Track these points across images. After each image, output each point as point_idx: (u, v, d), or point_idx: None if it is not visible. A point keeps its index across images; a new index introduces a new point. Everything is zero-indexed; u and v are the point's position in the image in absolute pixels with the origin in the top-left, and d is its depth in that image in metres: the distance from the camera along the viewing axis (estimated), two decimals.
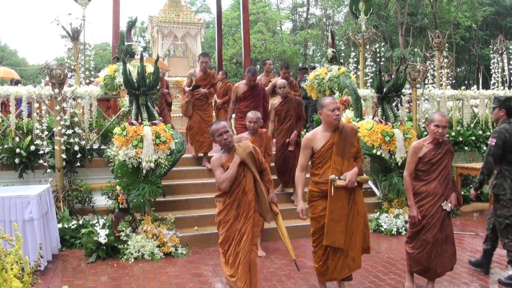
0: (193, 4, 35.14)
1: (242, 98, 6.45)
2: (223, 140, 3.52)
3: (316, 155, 3.66)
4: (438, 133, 3.78)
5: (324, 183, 3.58)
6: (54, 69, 5.98)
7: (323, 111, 3.63)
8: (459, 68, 29.59)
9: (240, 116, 6.47)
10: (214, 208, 6.20)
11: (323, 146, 3.62)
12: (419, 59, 11.73)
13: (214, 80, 7.18)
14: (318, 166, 3.66)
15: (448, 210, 3.83)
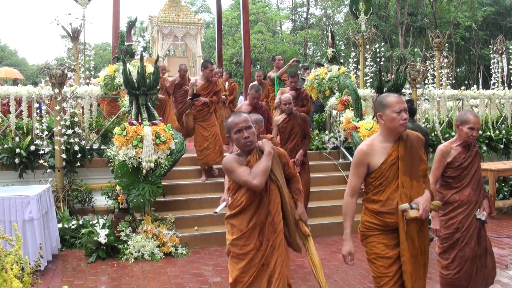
0: (193, 4, 35.13)
1: None
2: (242, 139, 2.63)
3: (374, 174, 2.71)
4: (472, 136, 3.37)
5: (390, 214, 2.67)
6: (54, 69, 5.98)
7: (386, 112, 2.68)
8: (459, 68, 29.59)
9: None
10: (214, 207, 6.28)
11: (384, 162, 2.68)
12: (419, 59, 11.73)
13: (217, 87, 6.89)
14: (378, 189, 2.72)
15: (483, 219, 3.45)
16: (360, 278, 4.51)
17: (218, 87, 6.90)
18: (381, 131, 2.77)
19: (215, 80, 6.91)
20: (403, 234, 2.67)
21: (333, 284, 4.30)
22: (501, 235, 5.96)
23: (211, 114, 6.77)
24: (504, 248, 5.38)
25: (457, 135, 3.48)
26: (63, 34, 8.24)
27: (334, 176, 7.35)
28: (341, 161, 7.77)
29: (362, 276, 4.58)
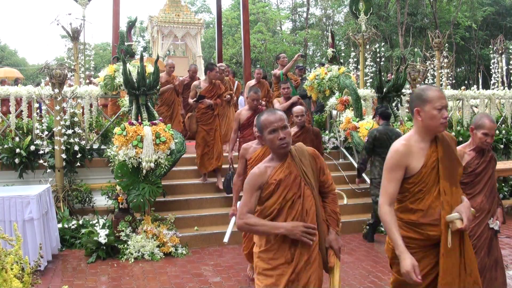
0: (193, 4, 35.13)
1: (246, 125, 5.40)
2: (278, 141, 2.31)
3: (413, 179, 2.35)
4: (486, 143, 3.19)
5: (433, 226, 2.30)
6: (54, 69, 5.98)
7: (425, 108, 2.34)
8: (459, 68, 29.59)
9: None
10: (214, 208, 6.30)
11: (424, 165, 2.34)
12: (419, 59, 11.73)
13: (220, 91, 6.73)
14: (417, 197, 2.35)
15: (497, 228, 3.30)
16: (360, 278, 4.51)
17: (221, 89, 6.74)
18: (416, 130, 2.41)
19: (218, 83, 6.75)
20: (443, 251, 2.28)
21: None
22: (501, 235, 5.95)
23: (215, 117, 6.60)
24: (504, 248, 5.38)
25: (471, 139, 3.28)
26: (63, 34, 8.24)
27: (334, 176, 7.35)
28: (341, 161, 7.77)
29: (362, 276, 4.58)
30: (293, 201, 2.28)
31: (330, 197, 2.50)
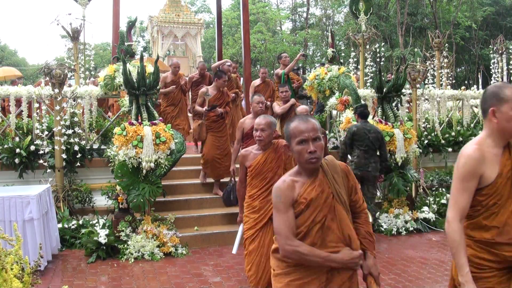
0: (193, 4, 35.12)
1: (250, 134, 4.71)
2: (306, 154, 2.02)
3: (486, 190, 2.03)
4: None
5: (510, 245, 2.00)
6: (54, 69, 5.98)
7: (502, 108, 2.02)
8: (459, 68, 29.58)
9: None
10: (214, 208, 6.30)
11: (499, 174, 2.02)
12: (419, 59, 11.73)
13: (229, 98, 6.63)
14: (492, 211, 2.03)
15: None
16: (360, 278, 4.51)
17: (229, 97, 6.68)
18: (489, 133, 2.06)
19: (226, 90, 6.63)
20: None
21: None
22: None
23: (225, 125, 6.57)
24: None
25: None
26: (63, 34, 8.24)
27: None
28: None
29: (360, 274, 4.57)
30: (323, 224, 2.02)
31: (363, 217, 2.23)
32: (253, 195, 3.58)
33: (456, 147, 8.33)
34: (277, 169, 3.54)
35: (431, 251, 5.39)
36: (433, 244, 5.64)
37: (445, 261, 4.99)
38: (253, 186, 3.59)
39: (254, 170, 3.56)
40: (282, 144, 3.42)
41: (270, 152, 3.57)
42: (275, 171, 3.53)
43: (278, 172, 3.49)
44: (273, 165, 3.55)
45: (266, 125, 3.55)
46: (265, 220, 3.47)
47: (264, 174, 3.53)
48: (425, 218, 6.39)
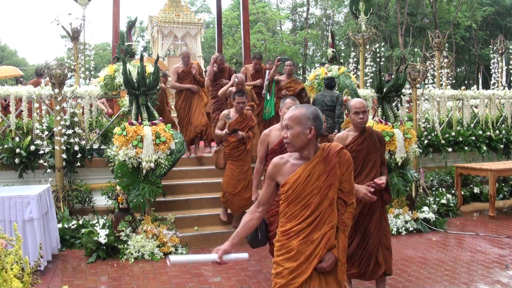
0: (193, 4, 35.13)
1: (278, 151, 3.91)
2: None
3: None
4: None
5: None
6: (54, 69, 5.98)
7: None
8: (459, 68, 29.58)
9: None
10: (214, 208, 6.30)
11: None
12: (419, 59, 11.73)
13: (253, 123, 5.78)
14: None
15: None
16: None
17: (254, 121, 5.79)
18: None
19: (250, 114, 5.82)
20: None
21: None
22: (501, 235, 5.96)
23: (247, 152, 5.75)
24: (504, 248, 5.38)
25: None
26: (63, 34, 8.24)
27: None
28: None
29: None
30: None
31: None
32: (288, 231, 2.35)
33: (456, 147, 8.33)
34: (327, 190, 2.31)
35: (431, 251, 5.39)
36: (433, 244, 5.64)
37: (445, 261, 4.99)
38: (290, 216, 2.36)
39: (292, 191, 2.34)
40: (336, 149, 2.39)
41: (317, 164, 2.34)
42: (324, 193, 2.31)
43: (329, 195, 2.31)
44: (322, 184, 2.32)
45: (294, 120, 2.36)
46: (307, 273, 2.29)
47: (307, 199, 2.31)
48: (425, 218, 6.39)
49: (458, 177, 7.51)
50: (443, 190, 7.66)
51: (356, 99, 3.81)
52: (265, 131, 4.15)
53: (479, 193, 7.98)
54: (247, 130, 5.68)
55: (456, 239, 5.88)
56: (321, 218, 2.30)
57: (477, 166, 7.43)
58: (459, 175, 7.51)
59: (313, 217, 2.30)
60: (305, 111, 2.34)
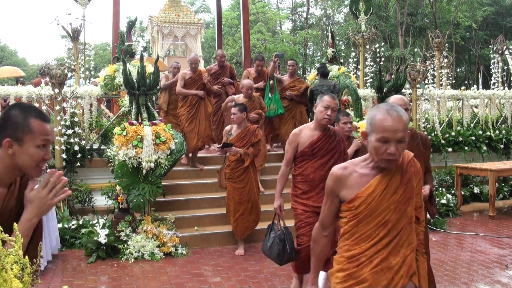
0: (193, 4, 35.12)
1: (310, 154, 3.60)
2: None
3: None
4: None
5: None
6: (54, 69, 5.99)
7: None
8: (459, 68, 29.58)
9: (304, 190, 3.66)
10: (214, 208, 6.29)
11: None
12: (419, 59, 11.73)
13: (255, 138, 5.20)
14: None
15: None
16: None
17: (257, 137, 5.22)
18: None
19: (253, 128, 5.28)
20: None
21: None
22: (501, 235, 5.96)
23: (248, 173, 5.23)
24: (504, 248, 5.38)
25: None
26: (63, 34, 8.23)
27: None
28: None
29: None
30: None
31: None
32: (358, 256, 1.94)
33: (456, 147, 8.33)
34: (406, 206, 1.94)
35: (431, 251, 5.38)
36: (433, 244, 5.63)
37: (445, 261, 4.99)
38: (359, 238, 1.94)
39: (365, 207, 1.93)
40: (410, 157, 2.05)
41: (394, 174, 1.95)
42: (402, 209, 1.93)
43: (408, 211, 1.94)
44: (399, 198, 1.93)
45: (406, 128, 1.93)
46: None
47: (382, 215, 1.90)
48: None
49: (458, 177, 7.51)
50: (443, 190, 7.66)
51: (395, 96, 3.27)
52: (295, 130, 3.73)
53: (479, 193, 7.98)
54: (248, 147, 5.14)
55: (456, 239, 5.88)
56: (400, 239, 1.91)
57: (477, 166, 7.43)
58: (459, 175, 7.51)
59: (390, 237, 1.90)
60: (404, 114, 1.90)
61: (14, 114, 1.65)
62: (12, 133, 1.63)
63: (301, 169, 3.63)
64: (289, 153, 3.66)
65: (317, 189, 3.54)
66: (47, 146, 1.69)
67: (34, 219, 1.64)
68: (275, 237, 3.73)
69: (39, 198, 1.63)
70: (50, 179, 1.65)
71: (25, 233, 1.60)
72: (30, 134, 1.64)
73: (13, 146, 1.63)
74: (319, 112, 3.53)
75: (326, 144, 3.59)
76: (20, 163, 1.66)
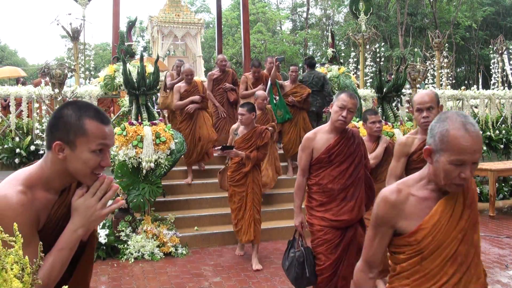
0: (193, 4, 35.12)
1: (326, 161, 3.13)
2: None
3: None
4: None
5: None
6: (54, 69, 5.99)
7: None
8: (459, 68, 29.58)
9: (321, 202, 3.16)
10: (214, 208, 6.30)
11: None
12: (419, 59, 11.73)
13: (261, 142, 4.78)
14: None
15: None
16: None
17: (263, 140, 4.79)
18: None
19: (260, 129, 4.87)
20: None
21: None
22: (501, 235, 5.96)
23: (248, 177, 4.87)
24: (504, 248, 5.38)
25: None
26: (63, 34, 8.23)
27: None
28: None
29: None
30: None
31: None
32: None
33: None
34: (473, 233, 1.67)
35: None
36: None
37: None
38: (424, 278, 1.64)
39: (431, 240, 1.61)
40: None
41: (458, 197, 1.65)
42: (469, 237, 1.65)
43: (475, 239, 1.67)
44: (466, 225, 1.65)
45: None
46: None
47: (449, 248, 1.61)
48: None
49: None
50: None
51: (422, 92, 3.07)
52: (308, 134, 3.25)
53: (479, 193, 7.98)
54: (251, 150, 4.77)
55: None
56: (469, 275, 1.62)
57: None
58: None
59: (460, 274, 1.60)
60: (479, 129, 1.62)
61: (67, 114, 1.44)
62: (64, 135, 1.43)
63: (317, 178, 3.16)
64: (304, 160, 3.19)
65: (337, 200, 3.09)
66: (104, 151, 1.48)
67: (80, 230, 1.44)
68: (293, 259, 3.25)
69: (85, 207, 1.46)
70: (100, 186, 1.50)
71: (68, 245, 1.42)
72: (84, 137, 1.42)
73: (64, 150, 1.43)
74: (334, 113, 3.09)
75: (344, 148, 3.11)
76: (72, 169, 1.45)
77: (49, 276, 1.38)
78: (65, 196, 1.52)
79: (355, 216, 3.09)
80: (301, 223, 3.31)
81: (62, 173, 1.46)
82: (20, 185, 1.36)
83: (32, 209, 1.36)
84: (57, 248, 1.40)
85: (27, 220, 1.33)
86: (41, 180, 1.43)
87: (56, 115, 1.46)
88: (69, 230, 1.43)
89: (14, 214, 1.29)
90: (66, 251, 1.42)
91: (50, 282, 1.38)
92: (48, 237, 1.42)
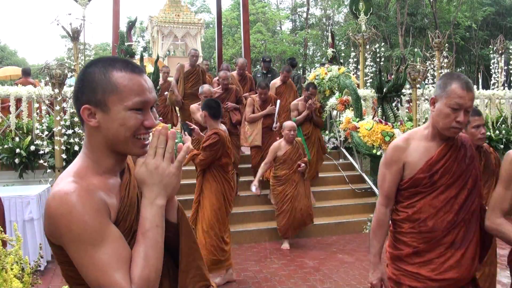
0: (193, 4, 35.12)
1: (426, 183, 2.09)
2: None
3: None
4: None
5: None
6: (54, 69, 5.99)
7: None
8: (459, 68, 29.58)
9: (416, 249, 2.09)
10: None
11: None
12: (419, 59, 11.74)
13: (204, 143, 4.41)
14: None
15: None
16: (360, 278, 4.51)
17: None
18: None
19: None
20: None
21: (333, 284, 4.30)
22: None
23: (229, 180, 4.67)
24: (504, 248, 5.37)
25: None
26: (63, 34, 8.23)
27: (334, 176, 7.35)
28: (341, 161, 7.77)
29: (362, 276, 4.57)
30: None
31: None
32: None
33: None
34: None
35: None
36: None
37: None
38: None
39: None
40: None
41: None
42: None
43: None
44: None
45: None
46: None
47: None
48: None
49: None
50: None
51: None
52: (396, 142, 2.14)
53: None
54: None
55: None
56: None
57: None
58: None
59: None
60: None
61: (91, 71, 1.18)
62: (90, 96, 1.16)
63: (410, 210, 2.05)
64: (388, 181, 2.09)
65: (441, 248, 1.99)
66: (145, 108, 1.19)
67: (157, 200, 1.19)
68: None
69: (150, 172, 1.17)
70: (158, 142, 1.18)
71: (152, 223, 1.17)
72: (115, 93, 1.15)
73: (95, 114, 1.16)
74: (444, 116, 1.95)
75: (453, 163, 2.01)
76: (111, 136, 1.17)
77: (148, 269, 1.12)
78: (127, 177, 1.29)
79: (466, 272, 2.00)
80: (381, 280, 2.16)
81: (104, 148, 1.20)
82: (70, 177, 1.15)
83: (91, 194, 1.12)
84: (141, 232, 1.15)
85: (90, 208, 1.10)
86: (88, 165, 1.19)
87: (79, 78, 1.20)
88: (146, 206, 1.18)
89: (72, 204, 1.08)
90: (153, 231, 1.16)
91: (151, 276, 1.12)
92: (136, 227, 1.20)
